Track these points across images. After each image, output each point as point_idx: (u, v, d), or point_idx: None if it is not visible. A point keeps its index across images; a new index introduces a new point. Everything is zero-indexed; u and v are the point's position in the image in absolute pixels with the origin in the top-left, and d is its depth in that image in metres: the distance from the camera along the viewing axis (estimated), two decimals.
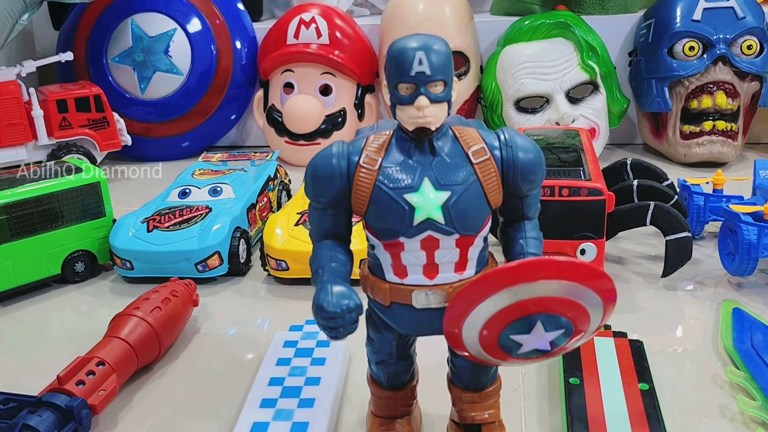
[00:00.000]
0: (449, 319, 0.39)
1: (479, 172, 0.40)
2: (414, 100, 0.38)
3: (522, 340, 0.38)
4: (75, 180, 0.75)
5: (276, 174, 0.92)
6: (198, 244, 0.73)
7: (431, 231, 0.40)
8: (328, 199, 0.42)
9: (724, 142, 1.04)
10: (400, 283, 0.42)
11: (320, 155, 0.42)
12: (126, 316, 0.59)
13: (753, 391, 0.51)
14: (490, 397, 0.46)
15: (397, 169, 0.40)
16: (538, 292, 0.36)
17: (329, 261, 0.42)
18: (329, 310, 0.39)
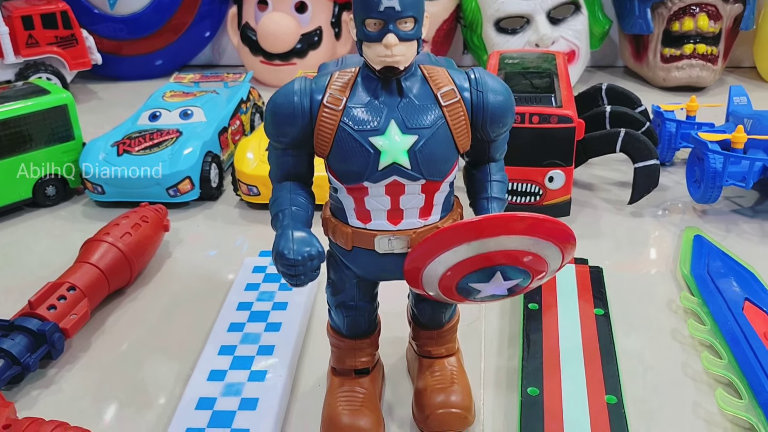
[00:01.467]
0: (410, 267, 0.39)
1: (448, 115, 0.39)
2: (382, 38, 0.36)
3: (481, 288, 0.39)
4: (42, 102, 0.74)
5: (249, 96, 0.91)
6: (168, 169, 0.73)
7: (397, 176, 0.39)
8: (290, 139, 0.40)
9: (704, 66, 1.03)
10: (363, 227, 0.41)
11: (281, 92, 0.39)
12: (96, 242, 0.59)
13: (703, 316, 0.53)
14: (448, 333, 0.47)
15: (362, 109, 0.39)
16: (500, 246, 0.36)
17: (290, 204, 0.41)
18: (290, 257, 0.38)
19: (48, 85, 0.78)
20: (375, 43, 0.37)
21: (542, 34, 1.02)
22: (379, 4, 0.36)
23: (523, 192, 0.67)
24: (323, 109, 0.39)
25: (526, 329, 0.51)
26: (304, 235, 0.39)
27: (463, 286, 0.39)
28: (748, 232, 0.67)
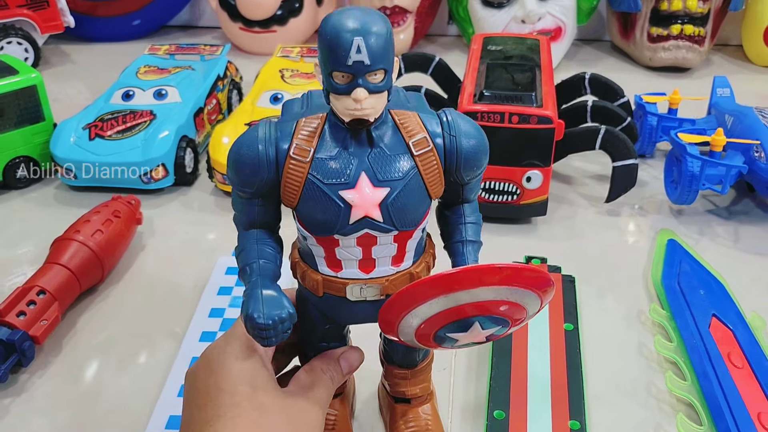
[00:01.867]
0: (384, 317, 0.37)
1: (420, 164, 0.38)
2: (350, 91, 0.35)
3: (458, 337, 0.38)
4: (10, 84, 0.72)
5: (226, 72, 0.88)
6: (142, 156, 0.71)
7: (368, 229, 0.38)
8: (255, 189, 0.38)
9: (690, 47, 1.02)
10: (333, 276, 0.39)
11: (244, 139, 0.38)
12: (66, 241, 0.58)
13: (671, 332, 0.54)
14: (422, 373, 0.46)
15: (331, 161, 0.37)
16: (476, 297, 0.36)
17: (257, 257, 0.39)
18: (260, 322, 0.37)
19: (16, 62, 0.75)
20: (344, 96, 0.35)
21: (528, 11, 1.00)
22: (347, 58, 0.34)
23: (501, 191, 0.67)
24: (290, 161, 0.37)
25: (495, 349, 0.51)
26: (273, 294, 0.38)
27: (441, 335, 0.38)
28: (722, 236, 0.68)
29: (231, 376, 0.39)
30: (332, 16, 0.34)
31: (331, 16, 0.34)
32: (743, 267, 0.63)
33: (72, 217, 0.66)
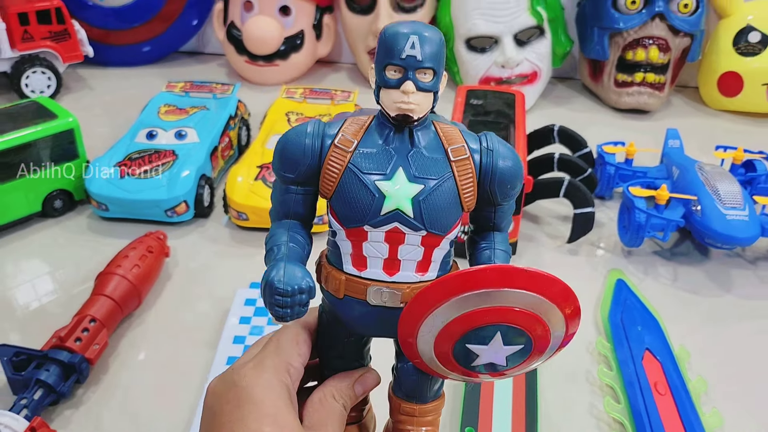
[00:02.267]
0: (405, 320, 0.38)
1: (456, 170, 0.39)
2: (400, 85, 0.37)
3: (479, 351, 0.37)
4: (51, 127, 0.82)
5: (237, 111, 0.98)
6: (167, 194, 0.81)
7: (398, 223, 0.39)
8: (295, 175, 0.40)
9: (651, 93, 1.14)
10: (357, 275, 0.40)
11: (294, 131, 0.40)
12: (110, 275, 0.69)
13: (612, 362, 0.66)
14: (430, 413, 0.45)
15: (372, 154, 0.39)
16: (502, 300, 0.35)
17: (287, 240, 0.40)
18: (279, 287, 0.37)
19: (54, 106, 0.85)
20: (392, 90, 0.38)
21: (508, 57, 1.11)
22: (401, 51, 0.37)
23: None
24: (333, 149, 0.39)
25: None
26: (296, 268, 0.39)
27: (460, 349, 0.38)
28: (663, 275, 0.80)
29: (258, 414, 0.38)
30: (393, 24, 0.38)
31: (392, 23, 0.38)
32: (678, 303, 0.75)
33: (103, 244, 0.78)
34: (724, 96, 1.16)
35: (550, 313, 0.36)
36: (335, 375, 0.44)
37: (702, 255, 0.83)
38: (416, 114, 0.38)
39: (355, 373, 0.44)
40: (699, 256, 0.83)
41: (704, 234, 0.76)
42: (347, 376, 0.44)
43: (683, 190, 0.81)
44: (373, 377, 0.44)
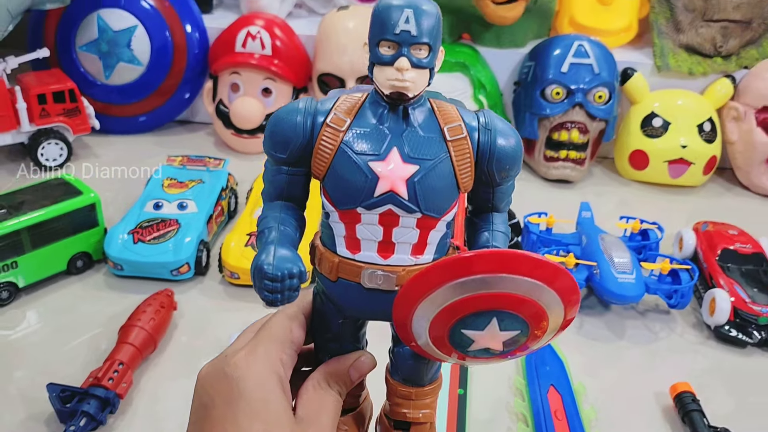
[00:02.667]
0: (399, 305, 0.37)
1: (453, 150, 0.38)
2: (394, 61, 0.36)
3: (474, 337, 0.36)
4: (75, 202, 0.99)
5: (228, 183, 1.17)
6: (173, 257, 1.00)
7: (392, 205, 0.37)
8: (286, 155, 0.39)
9: (574, 167, 1.36)
10: (350, 258, 0.39)
11: (286, 109, 0.39)
12: (132, 326, 0.86)
13: (525, 395, 0.86)
14: (427, 396, 0.44)
15: (365, 134, 0.37)
16: (499, 286, 0.34)
17: (278, 223, 0.39)
18: (269, 273, 0.36)
19: (78, 183, 1.03)
20: (386, 66, 0.36)
21: None
22: (395, 26, 0.35)
23: None
24: (325, 128, 0.38)
25: None
26: (287, 252, 0.38)
27: (455, 334, 0.37)
28: (572, 325, 1.00)
29: (249, 409, 0.38)
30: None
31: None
32: (581, 348, 0.95)
33: (119, 298, 0.95)
34: (634, 169, 1.39)
35: (547, 298, 0.35)
36: (330, 360, 0.43)
37: (604, 308, 1.04)
38: (411, 92, 0.37)
39: (350, 357, 0.43)
40: (601, 309, 1.04)
41: (602, 292, 0.98)
42: (342, 361, 0.43)
43: (588, 257, 1.02)
44: (368, 361, 0.43)
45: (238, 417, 0.38)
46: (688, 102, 1.37)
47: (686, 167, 1.35)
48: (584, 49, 1.33)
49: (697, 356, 0.95)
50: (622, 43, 1.45)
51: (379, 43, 0.36)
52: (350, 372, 0.43)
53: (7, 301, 0.95)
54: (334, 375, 0.42)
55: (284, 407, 0.39)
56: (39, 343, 0.90)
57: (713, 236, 1.09)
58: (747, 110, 1.36)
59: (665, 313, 1.03)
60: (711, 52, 1.39)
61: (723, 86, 1.37)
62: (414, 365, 0.43)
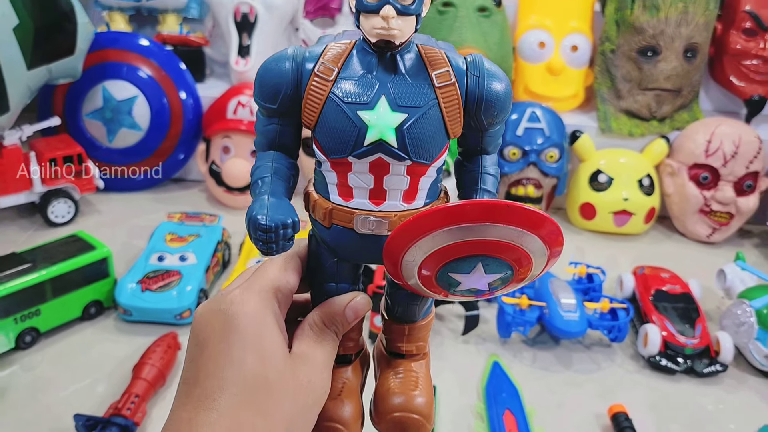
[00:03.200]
0: (389, 250, 0.37)
1: (441, 97, 0.37)
2: (380, 9, 0.35)
3: (460, 279, 0.37)
4: (90, 257, 1.13)
5: (222, 237, 1.32)
6: (177, 304, 1.13)
7: (382, 154, 0.37)
8: (277, 105, 0.39)
9: None
10: (343, 205, 0.39)
11: (274, 57, 0.38)
12: (144, 364, 0.99)
13: (485, 419, 1.00)
14: (421, 331, 0.45)
15: (353, 82, 0.37)
16: (486, 234, 0.35)
17: (271, 173, 0.40)
18: (263, 224, 0.37)
19: (91, 239, 1.17)
20: (372, 15, 0.36)
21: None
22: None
23: None
24: (313, 78, 0.38)
25: None
26: (280, 202, 0.38)
27: (443, 276, 0.37)
28: (526, 358, 1.15)
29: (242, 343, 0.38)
30: None
31: None
32: (534, 377, 1.10)
33: (128, 341, 1.08)
34: (584, 219, 1.56)
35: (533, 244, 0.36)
36: (326, 301, 0.43)
37: (554, 343, 1.19)
38: (398, 39, 0.37)
39: (346, 298, 0.43)
40: (552, 344, 1.19)
41: (551, 329, 1.13)
42: (337, 301, 0.43)
43: (539, 298, 1.18)
44: (364, 301, 0.44)
45: (232, 350, 0.38)
46: (629, 160, 1.56)
47: (629, 217, 1.53)
48: (536, 115, 1.51)
49: (633, 382, 1.10)
50: (571, 108, 1.65)
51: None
52: (346, 312, 0.43)
53: (31, 344, 1.08)
54: (330, 315, 0.42)
55: (278, 342, 0.39)
56: (60, 380, 1.03)
57: (648, 279, 1.26)
58: (680, 167, 1.54)
59: (607, 346, 1.18)
60: (647, 116, 1.58)
61: (659, 146, 1.56)
62: (407, 306, 0.44)
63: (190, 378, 0.39)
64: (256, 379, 0.37)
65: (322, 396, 0.41)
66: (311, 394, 0.40)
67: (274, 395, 0.38)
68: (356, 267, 0.44)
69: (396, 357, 0.47)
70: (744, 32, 1.56)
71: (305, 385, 0.40)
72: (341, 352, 0.45)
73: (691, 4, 1.49)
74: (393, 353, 0.47)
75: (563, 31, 1.60)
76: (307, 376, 0.40)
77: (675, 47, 1.52)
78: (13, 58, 1.22)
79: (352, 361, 0.47)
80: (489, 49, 1.46)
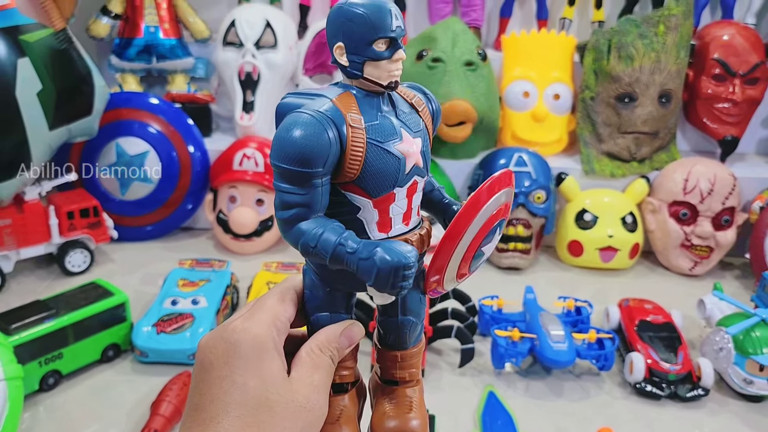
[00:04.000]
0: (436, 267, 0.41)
1: (424, 119, 0.44)
2: (393, 54, 0.40)
3: (486, 249, 0.43)
4: (108, 302, 1.21)
5: (231, 281, 1.40)
6: (189, 344, 1.20)
7: (417, 175, 0.42)
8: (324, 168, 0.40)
9: (521, 257, 1.61)
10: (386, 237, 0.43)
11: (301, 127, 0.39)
12: (162, 401, 1.07)
13: None
14: (413, 358, 0.48)
15: (377, 124, 0.41)
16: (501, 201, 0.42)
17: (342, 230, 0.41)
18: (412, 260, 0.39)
19: (109, 286, 1.25)
20: (384, 61, 0.41)
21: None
22: (391, 24, 0.40)
23: None
24: (351, 131, 0.40)
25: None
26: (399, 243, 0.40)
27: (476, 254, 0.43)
28: (519, 387, 1.22)
29: (244, 368, 0.40)
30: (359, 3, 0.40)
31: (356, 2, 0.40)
32: (527, 405, 1.17)
33: (144, 380, 1.15)
34: (572, 256, 1.65)
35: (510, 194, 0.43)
36: (321, 330, 0.45)
37: (546, 373, 1.26)
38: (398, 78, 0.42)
39: (341, 325, 0.46)
40: (543, 374, 1.26)
41: (542, 359, 1.20)
42: (333, 328, 0.46)
43: (530, 331, 1.25)
44: (357, 328, 0.46)
45: (235, 375, 0.40)
46: (612, 199, 1.65)
47: (614, 253, 1.61)
48: (523, 159, 1.61)
49: (621, 408, 1.17)
50: (555, 152, 1.75)
51: (374, 42, 0.40)
52: (340, 338, 0.45)
53: (53, 386, 1.15)
54: (326, 342, 0.45)
55: (278, 365, 0.42)
56: (82, 420, 1.09)
57: (632, 310, 1.33)
58: (661, 204, 1.63)
59: (596, 375, 1.25)
60: (628, 157, 1.68)
61: (640, 185, 1.66)
62: (398, 335, 0.47)
63: (196, 403, 0.41)
64: (258, 400, 0.40)
65: (320, 417, 0.44)
66: (310, 413, 0.42)
67: (276, 415, 0.40)
68: (349, 296, 0.47)
69: (390, 384, 0.49)
70: (714, 78, 1.68)
71: (304, 405, 0.42)
72: (337, 381, 0.47)
73: (663, 53, 1.60)
74: (387, 381, 0.49)
75: (546, 81, 1.72)
76: (306, 396, 0.42)
77: (650, 93, 1.63)
78: (37, 120, 1.32)
79: (348, 390, 0.48)
80: (476, 99, 1.57)
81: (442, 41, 1.60)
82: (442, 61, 1.57)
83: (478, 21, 1.86)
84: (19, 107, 1.29)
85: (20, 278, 1.49)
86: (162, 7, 1.74)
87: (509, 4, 1.91)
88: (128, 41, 1.74)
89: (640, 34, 1.61)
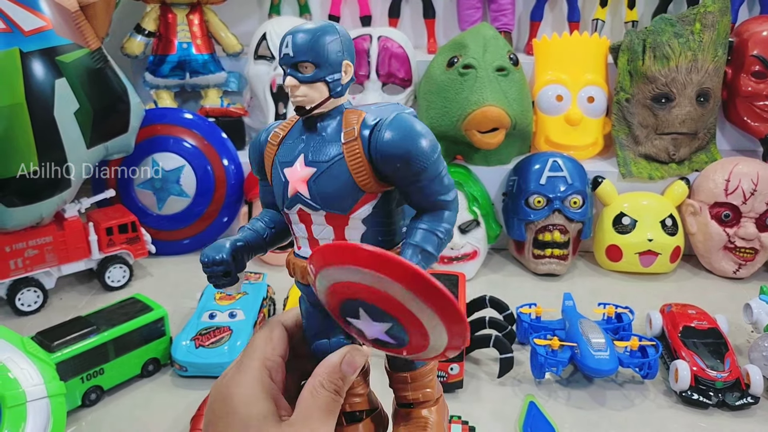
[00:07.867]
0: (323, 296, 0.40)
1: (345, 152, 0.40)
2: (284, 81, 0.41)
3: (358, 325, 0.38)
4: (148, 317, 1.22)
5: (267, 293, 1.40)
6: (228, 358, 1.21)
7: (301, 204, 0.42)
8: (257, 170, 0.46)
9: (559, 263, 1.59)
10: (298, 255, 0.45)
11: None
12: (203, 415, 1.07)
13: None
14: (425, 377, 0.46)
15: (288, 145, 0.43)
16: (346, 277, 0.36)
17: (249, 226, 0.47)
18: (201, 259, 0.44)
19: (148, 301, 1.26)
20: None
21: (455, 243, 1.56)
22: (281, 52, 0.41)
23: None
24: (267, 145, 0.44)
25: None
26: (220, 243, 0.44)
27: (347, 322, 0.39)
28: (561, 397, 1.20)
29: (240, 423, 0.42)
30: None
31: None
32: (569, 416, 1.14)
33: (186, 395, 1.15)
34: (611, 261, 1.62)
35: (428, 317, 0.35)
36: (321, 362, 0.44)
37: (588, 382, 1.24)
38: (306, 105, 0.41)
39: (340, 354, 0.44)
40: (585, 383, 1.23)
41: (583, 368, 1.18)
42: (332, 359, 0.44)
43: (570, 339, 1.23)
44: (358, 353, 0.44)
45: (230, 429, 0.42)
46: (651, 202, 1.62)
47: (655, 257, 1.58)
48: (558, 164, 1.59)
49: (667, 417, 1.14)
50: (591, 156, 1.72)
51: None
52: (342, 368, 0.44)
53: (95, 401, 1.16)
54: (327, 374, 0.44)
55: (270, 412, 0.43)
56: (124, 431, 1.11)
57: (676, 316, 1.30)
58: (702, 206, 1.59)
59: (640, 383, 1.22)
60: (666, 159, 1.65)
61: (679, 187, 1.62)
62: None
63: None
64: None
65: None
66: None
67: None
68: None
69: (405, 407, 0.48)
70: (753, 75, 1.63)
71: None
72: (348, 409, 0.46)
73: (700, 52, 1.57)
74: (402, 404, 0.48)
75: (579, 84, 1.69)
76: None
77: (687, 93, 1.59)
78: (75, 139, 1.35)
79: (362, 419, 0.47)
80: (509, 105, 1.55)
81: (473, 47, 1.59)
82: (474, 67, 1.56)
83: (508, 25, 1.85)
84: (58, 127, 1.31)
85: (62, 293, 1.52)
86: (194, 24, 1.76)
87: (540, 8, 1.89)
88: (162, 58, 1.77)
89: (676, 32, 1.57)
